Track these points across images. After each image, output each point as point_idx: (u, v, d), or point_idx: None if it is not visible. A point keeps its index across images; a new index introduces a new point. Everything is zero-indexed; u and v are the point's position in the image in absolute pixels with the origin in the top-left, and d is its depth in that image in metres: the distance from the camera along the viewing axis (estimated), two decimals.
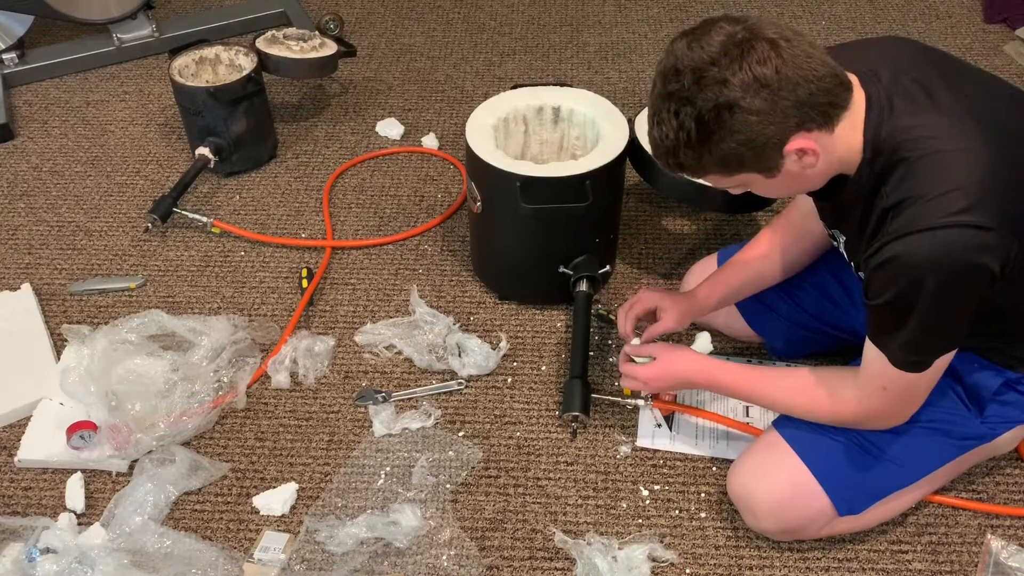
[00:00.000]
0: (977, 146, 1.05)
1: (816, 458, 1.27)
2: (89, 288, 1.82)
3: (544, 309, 1.74)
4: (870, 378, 1.19)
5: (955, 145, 1.06)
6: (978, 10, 2.63)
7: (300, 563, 1.34)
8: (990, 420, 1.28)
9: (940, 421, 1.28)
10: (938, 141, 1.06)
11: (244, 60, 2.09)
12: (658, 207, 1.98)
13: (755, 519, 1.33)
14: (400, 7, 2.75)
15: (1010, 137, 1.11)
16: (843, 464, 1.27)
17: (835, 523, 1.31)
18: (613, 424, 1.54)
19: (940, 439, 1.28)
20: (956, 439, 1.29)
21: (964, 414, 1.28)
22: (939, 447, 1.29)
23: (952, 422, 1.28)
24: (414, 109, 2.32)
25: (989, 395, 1.27)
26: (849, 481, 1.27)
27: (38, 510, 1.43)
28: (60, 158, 2.19)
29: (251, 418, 1.57)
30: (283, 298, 1.80)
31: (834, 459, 1.27)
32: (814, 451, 1.28)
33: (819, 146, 1.06)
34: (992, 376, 1.26)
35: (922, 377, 1.16)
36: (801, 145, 1.05)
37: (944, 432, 1.28)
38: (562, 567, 1.34)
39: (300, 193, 2.06)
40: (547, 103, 1.72)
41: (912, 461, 1.28)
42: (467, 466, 1.48)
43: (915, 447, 1.27)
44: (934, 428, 1.27)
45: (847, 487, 1.27)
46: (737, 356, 1.63)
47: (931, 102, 1.09)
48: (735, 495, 1.35)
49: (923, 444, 1.28)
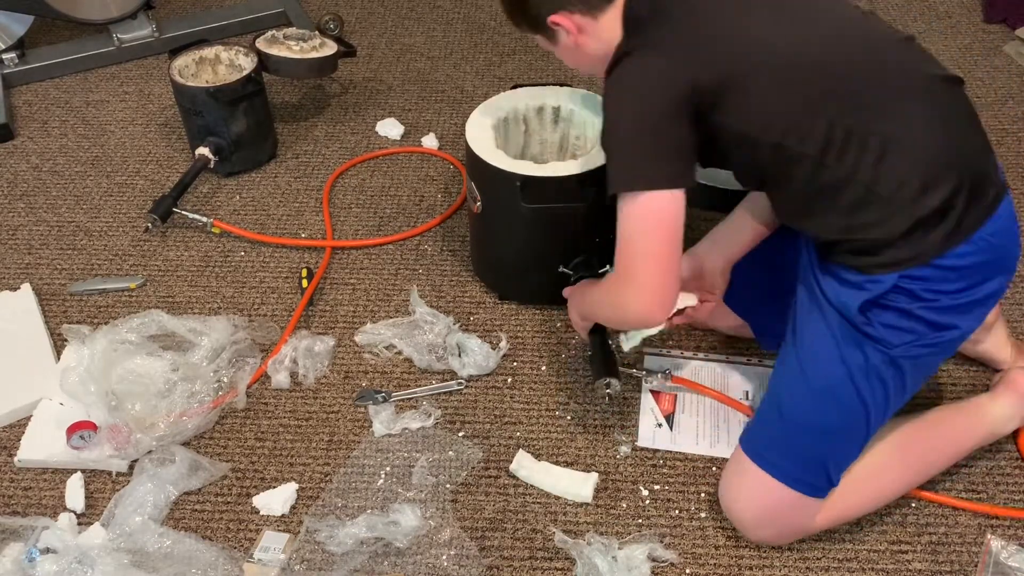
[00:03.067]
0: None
1: (768, 457, 1.30)
2: (89, 288, 1.82)
3: (544, 309, 1.74)
4: (616, 251, 1.28)
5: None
6: (978, 10, 2.63)
7: (300, 563, 1.34)
8: (882, 341, 1.23)
9: (825, 373, 1.26)
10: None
11: (244, 60, 2.09)
12: None
13: (751, 533, 1.35)
14: (400, 7, 2.75)
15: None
16: (792, 452, 1.29)
17: (826, 511, 1.31)
18: (613, 424, 1.54)
19: (840, 384, 1.26)
20: (857, 378, 1.25)
21: (854, 351, 1.24)
22: (843, 392, 1.26)
23: (831, 363, 1.26)
24: (414, 109, 2.32)
25: (857, 317, 1.23)
26: (800, 463, 1.28)
27: (38, 510, 1.43)
28: (60, 158, 2.19)
29: (251, 418, 1.57)
30: (283, 298, 1.80)
31: (785, 452, 1.29)
32: (761, 448, 1.31)
33: (575, 26, 1.29)
34: (852, 295, 1.23)
35: (641, 218, 1.23)
36: (558, 20, 1.29)
37: (850, 384, 1.25)
38: (562, 567, 1.34)
39: (300, 193, 2.06)
40: (547, 103, 1.72)
41: (833, 418, 1.27)
42: (467, 466, 1.48)
43: (828, 404, 1.27)
44: (836, 382, 1.26)
45: (802, 470, 1.28)
46: (737, 356, 1.63)
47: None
48: (727, 515, 1.37)
49: (830, 397, 1.27)
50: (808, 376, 1.28)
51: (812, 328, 1.29)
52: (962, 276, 1.20)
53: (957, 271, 1.19)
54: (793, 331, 1.33)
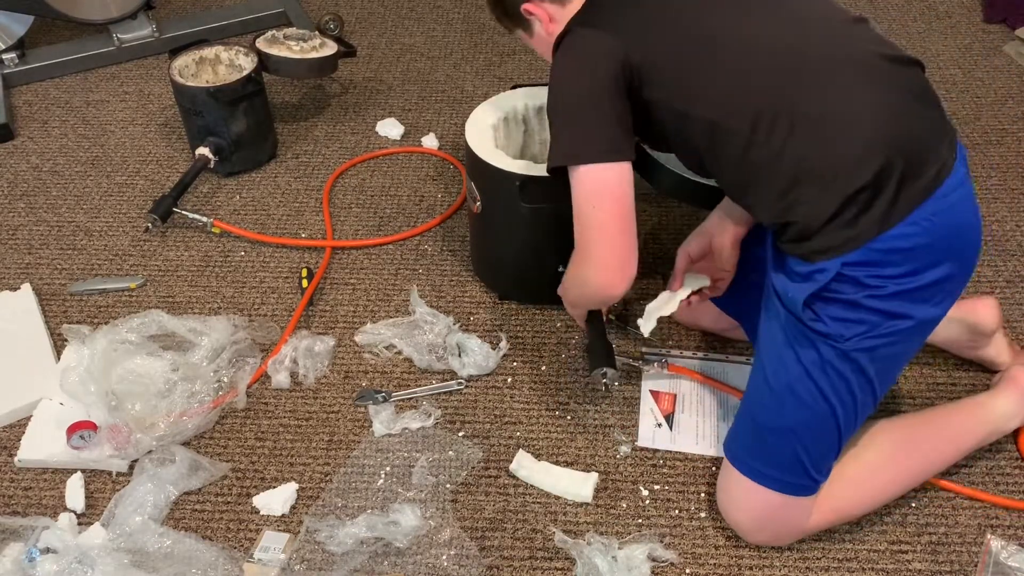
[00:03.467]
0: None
1: (750, 464, 1.30)
2: (89, 288, 1.82)
3: (544, 309, 1.74)
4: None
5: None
6: (978, 10, 2.63)
7: (300, 563, 1.34)
8: (831, 336, 1.21)
9: (783, 372, 1.25)
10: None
11: (244, 60, 2.09)
12: (658, 207, 1.98)
13: (749, 537, 1.35)
14: (400, 7, 2.76)
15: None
16: (763, 453, 1.29)
17: (825, 510, 1.31)
18: (613, 424, 1.54)
19: (798, 381, 1.24)
20: (814, 374, 1.23)
21: (807, 348, 1.23)
22: (802, 389, 1.24)
23: (787, 362, 1.25)
24: (414, 109, 2.32)
25: (804, 313, 1.21)
26: (779, 465, 1.28)
27: (38, 510, 1.43)
28: (60, 158, 2.19)
29: (251, 418, 1.57)
30: (283, 298, 1.80)
31: (756, 453, 1.30)
32: (743, 455, 1.31)
33: (545, 14, 1.35)
34: (798, 288, 1.21)
35: (588, 190, 1.28)
36: (531, 9, 1.35)
37: (809, 381, 1.24)
38: (562, 567, 1.34)
39: (300, 193, 2.06)
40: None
41: (798, 416, 1.26)
42: (467, 466, 1.48)
43: (790, 403, 1.26)
44: (795, 381, 1.24)
45: (783, 471, 1.28)
46: (737, 356, 1.63)
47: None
48: (725, 519, 1.37)
49: (791, 395, 1.25)
50: (768, 377, 1.28)
51: (767, 328, 1.30)
52: (907, 259, 1.17)
53: (901, 253, 1.16)
54: (756, 332, 1.35)
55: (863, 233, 1.16)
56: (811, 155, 1.17)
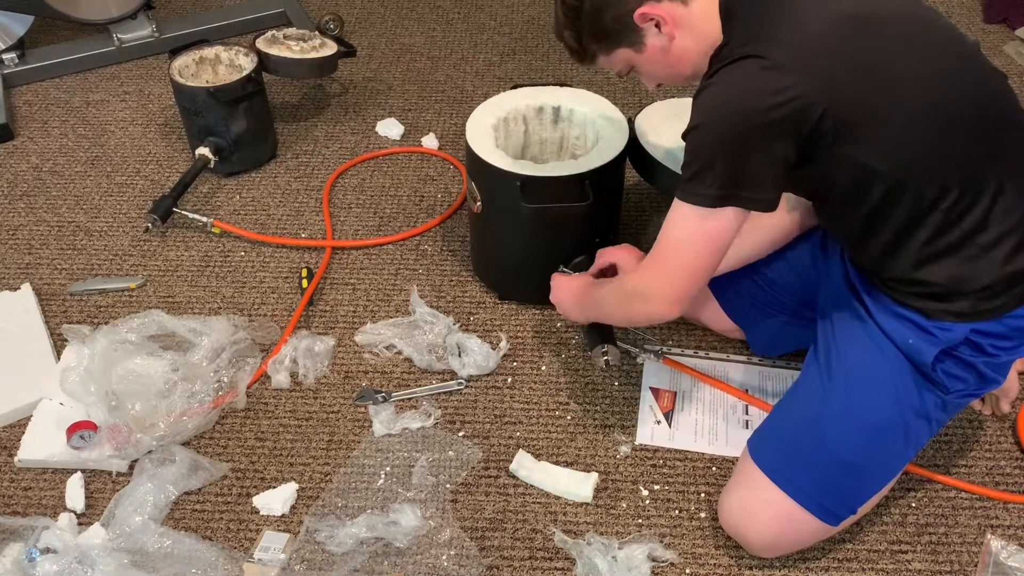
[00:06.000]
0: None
1: (798, 484, 1.24)
2: (89, 288, 1.82)
3: (544, 309, 1.74)
4: (656, 244, 1.21)
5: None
6: (978, 10, 2.63)
7: (300, 563, 1.34)
8: (940, 386, 1.22)
9: (878, 409, 1.23)
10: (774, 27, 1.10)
11: (244, 60, 2.09)
12: (658, 207, 1.98)
13: (757, 552, 1.32)
14: (400, 7, 2.76)
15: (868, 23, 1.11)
16: (822, 480, 1.24)
17: (831, 530, 1.31)
18: (613, 424, 1.54)
19: (890, 423, 1.24)
20: (908, 418, 1.23)
21: (911, 392, 1.23)
22: (891, 431, 1.24)
23: (885, 401, 1.23)
24: (414, 109, 2.32)
25: (928, 363, 1.20)
26: (834, 496, 1.25)
27: (38, 510, 1.43)
28: (60, 158, 2.19)
29: (251, 418, 1.57)
30: (283, 298, 1.80)
31: (812, 477, 1.24)
32: (792, 475, 1.25)
33: (668, 15, 1.15)
34: (923, 340, 1.20)
35: (697, 230, 1.14)
36: (647, 11, 1.15)
37: (900, 424, 1.23)
38: (562, 567, 1.34)
39: (300, 193, 2.06)
40: (547, 103, 1.72)
41: (877, 456, 1.25)
42: (467, 466, 1.48)
43: (875, 442, 1.24)
44: (886, 422, 1.23)
45: (834, 502, 1.25)
46: (738, 355, 1.63)
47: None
48: (728, 531, 1.33)
49: (878, 435, 1.24)
50: (856, 410, 1.23)
51: (867, 362, 1.24)
52: (1020, 335, 1.19)
53: (1020, 331, 1.18)
54: (833, 355, 1.27)
55: (1005, 306, 1.16)
56: (984, 228, 1.12)
